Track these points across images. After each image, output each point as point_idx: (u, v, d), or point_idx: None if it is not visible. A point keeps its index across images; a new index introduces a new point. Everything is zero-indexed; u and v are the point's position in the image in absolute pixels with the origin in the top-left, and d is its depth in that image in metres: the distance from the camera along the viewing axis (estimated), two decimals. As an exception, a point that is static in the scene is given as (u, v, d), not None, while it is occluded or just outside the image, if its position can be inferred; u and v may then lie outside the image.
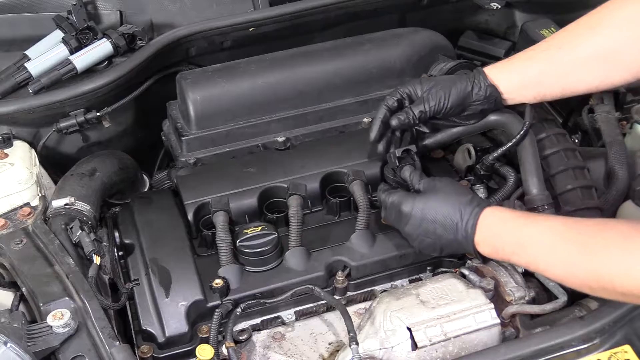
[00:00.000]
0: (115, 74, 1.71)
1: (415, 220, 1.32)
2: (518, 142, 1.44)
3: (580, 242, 1.14)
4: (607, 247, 1.10)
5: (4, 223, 1.45)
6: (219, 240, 1.42)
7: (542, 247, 1.18)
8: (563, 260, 1.15)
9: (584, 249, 1.13)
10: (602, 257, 1.10)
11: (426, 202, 1.32)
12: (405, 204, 1.34)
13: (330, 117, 1.72)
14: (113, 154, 1.72)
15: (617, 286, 1.07)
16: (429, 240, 1.32)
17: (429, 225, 1.31)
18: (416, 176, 1.41)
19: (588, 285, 1.13)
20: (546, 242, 1.18)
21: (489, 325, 1.29)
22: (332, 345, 1.37)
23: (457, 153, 1.67)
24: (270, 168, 1.59)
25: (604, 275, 1.09)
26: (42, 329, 1.18)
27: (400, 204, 1.34)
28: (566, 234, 1.16)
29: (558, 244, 1.16)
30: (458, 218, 1.28)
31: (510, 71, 1.44)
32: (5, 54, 1.82)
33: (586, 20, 1.38)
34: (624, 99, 1.75)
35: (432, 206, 1.31)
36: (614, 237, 1.10)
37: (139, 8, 1.93)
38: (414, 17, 2.04)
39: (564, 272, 1.16)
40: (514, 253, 1.22)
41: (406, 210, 1.33)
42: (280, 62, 1.73)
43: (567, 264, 1.15)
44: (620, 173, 1.50)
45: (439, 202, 1.31)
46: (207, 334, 1.32)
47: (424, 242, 1.33)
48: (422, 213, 1.31)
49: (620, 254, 1.08)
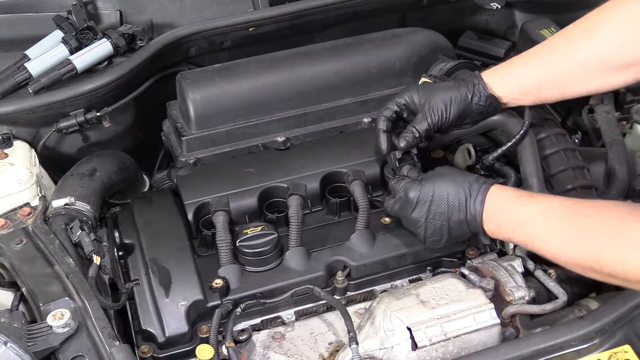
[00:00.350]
0: (115, 74, 1.71)
1: (422, 204, 1.31)
2: (518, 142, 1.45)
3: (575, 222, 1.15)
4: (600, 229, 1.11)
5: (4, 223, 1.45)
6: (219, 240, 1.42)
7: (538, 225, 1.20)
8: (557, 239, 1.17)
9: (578, 229, 1.14)
10: (594, 238, 1.11)
11: (434, 184, 1.32)
12: (412, 190, 1.33)
13: (330, 117, 1.73)
14: (113, 154, 1.72)
15: (604, 268, 1.09)
16: (436, 223, 1.31)
17: (437, 206, 1.30)
18: (414, 172, 1.42)
19: (579, 264, 1.14)
20: (543, 220, 1.19)
21: (489, 325, 1.29)
22: (332, 345, 1.37)
23: (457, 153, 1.67)
24: (270, 168, 1.59)
25: (595, 256, 1.10)
26: (42, 329, 1.18)
27: (408, 190, 1.34)
28: (563, 214, 1.18)
29: (554, 222, 1.18)
30: (467, 194, 1.28)
31: (510, 78, 1.43)
32: (5, 54, 1.82)
33: (584, 23, 1.37)
34: (624, 99, 1.75)
35: (440, 187, 1.31)
36: (608, 219, 1.11)
37: (139, 8, 1.93)
38: (414, 17, 2.05)
39: (558, 250, 1.17)
40: (514, 231, 1.24)
41: (413, 195, 1.32)
42: (280, 62, 1.73)
43: (561, 243, 1.16)
44: (620, 173, 1.50)
45: (446, 183, 1.31)
46: (207, 334, 1.32)
47: (431, 226, 1.32)
48: (431, 195, 1.31)
49: (611, 236, 1.09)
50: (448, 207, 1.30)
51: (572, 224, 1.15)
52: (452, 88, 1.44)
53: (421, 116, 1.44)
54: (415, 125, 1.44)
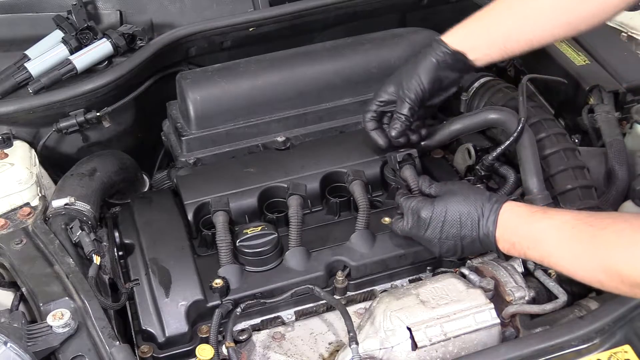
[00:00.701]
0: (115, 74, 1.71)
1: (436, 224, 1.32)
2: (516, 139, 1.45)
3: (590, 235, 1.14)
4: (616, 240, 1.10)
5: (4, 223, 1.45)
6: (219, 240, 1.42)
7: (553, 241, 1.19)
8: (573, 254, 1.15)
9: (593, 242, 1.13)
10: (611, 250, 1.09)
11: (446, 204, 1.31)
12: (425, 210, 1.33)
13: (330, 117, 1.73)
14: (113, 154, 1.72)
15: (624, 278, 1.07)
16: (450, 243, 1.32)
17: (450, 227, 1.31)
18: (425, 182, 1.42)
19: (597, 278, 1.13)
20: (557, 235, 1.18)
21: (489, 325, 1.29)
22: (332, 345, 1.37)
23: (457, 153, 1.67)
24: (270, 168, 1.59)
25: (612, 267, 1.09)
26: (42, 329, 1.18)
27: (420, 210, 1.34)
28: (577, 227, 1.16)
29: (568, 238, 1.17)
30: (480, 214, 1.28)
31: (472, 34, 1.44)
32: (5, 54, 1.82)
33: None
34: (624, 99, 1.75)
35: (452, 207, 1.31)
36: (623, 230, 1.10)
37: (139, 8, 1.93)
38: (414, 17, 2.05)
39: (574, 266, 1.16)
40: (529, 248, 1.23)
41: (425, 215, 1.32)
42: (280, 62, 1.73)
43: (577, 257, 1.15)
44: (620, 173, 1.50)
45: (458, 203, 1.30)
46: (207, 334, 1.32)
47: (445, 245, 1.33)
48: (443, 216, 1.31)
49: (629, 246, 1.07)
50: (461, 227, 1.30)
51: (587, 236, 1.14)
52: (417, 61, 1.46)
53: (399, 100, 1.47)
54: (398, 111, 1.46)
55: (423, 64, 1.45)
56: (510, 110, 1.50)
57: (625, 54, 1.87)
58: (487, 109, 1.55)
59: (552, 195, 1.44)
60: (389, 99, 1.51)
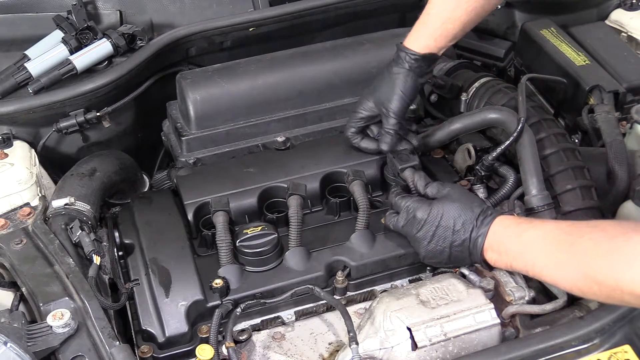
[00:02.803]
0: (115, 74, 1.71)
1: (429, 226, 1.33)
2: (516, 139, 1.45)
3: (569, 243, 1.16)
4: (593, 248, 1.11)
5: (4, 223, 1.45)
6: (219, 240, 1.42)
7: (536, 251, 1.21)
8: (555, 263, 1.17)
9: (572, 250, 1.14)
10: (588, 258, 1.11)
11: (443, 209, 1.33)
12: (421, 210, 1.34)
13: (330, 117, 1.73)
14: (113, 154, 1.72)
15: (601, 286, 1.08)
16: (438, 247, 1.33)
17: (443, 231, 1.32)
18: (421, 181, 1.43)
19: (577, 286, 1.15)
20: (540, 245, 1.20)
21: (489, 325, 1.29)
22: (332, 345, 1.37)
23: (457, 153, 1.67)
24: (270, 168, 1.59)
25: (589, 275, 1.10)
26: (42, 329, 1.18)
27: (416, 210, 1.35)
28: (558, 237, 1.18)
29: (550, 246, 1.19)
30: (474, 224, 1.30)
31: (432, 29, 1.48)
32: (5, 54, 1.82)
33: None
34: (624, 99, 1.75)
35: (449, 213, 1.32)
36: (599, 238, 1.11)
37: (139, 8, 1.93)
38: (414, 17, 2.03)
39: (557, 274, 1.18)
40: (514, 258, 1.25)
41: (421, 216, 1.34)
42: (280, 62, 1.73)
43: (558, 266, 1.17)
44: (620, 173, 1.50)
45: (456, 209, 1.32)
46: (207, 334, 1.32)
47: (433, 249, 1.34)
48: (438, 220, 1.32)
49: (604, 254, 1.09)
50: (453, 234, 1.31)
51: (566, 245, 1.16)
52: (392, 74, 1.50)
53: (384, 116, 1.51)
54: (386, 127, 1.51)
55: (399, 76, 1.49)
56: (510, 110, 1.50)
57: (625, 54, 1.87)
58: (487, 108, 1.55)
59: (552, 195, 1.43)
60: (368, 115, 1.55)
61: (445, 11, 1.47)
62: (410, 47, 1.49)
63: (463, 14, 1.46)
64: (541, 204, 1.40)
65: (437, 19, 1.48)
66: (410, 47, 1.49)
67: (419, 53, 1.48)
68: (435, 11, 1.48)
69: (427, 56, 1.49)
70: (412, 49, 1.48)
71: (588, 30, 1.95)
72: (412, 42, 1.50)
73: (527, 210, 1.42)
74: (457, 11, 1.46)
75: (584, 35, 1.91)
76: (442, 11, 1.47)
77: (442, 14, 1.47)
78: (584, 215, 1.41)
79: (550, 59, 1.85)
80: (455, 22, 1.47)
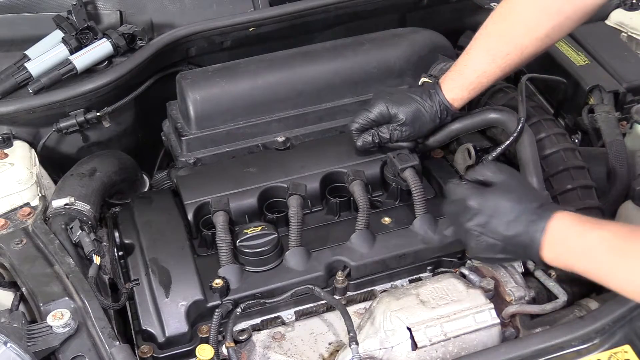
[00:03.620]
0: (115, 74, 1.71)
1: (482, 216, 1.22)
2: (516, 139, 1.45)
3: (621, 250, 1.10)
4: None
5: (4, 223, 1.45)
6: (219, 240, 1.42)
7: (603, 253, 1.13)
8: (624, 267, 1.11)
9: (624, 256, 1.10)
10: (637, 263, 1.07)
11: (498, 198, 1.22)
12: (473, 198, 1.24)
13: (330, 117, 1.73)
14: (113, 154, 1.72)
15: None
16: (490, 240, 1.22)
17: (497, 223, 1.21)
18: (477, 168, 1.33)
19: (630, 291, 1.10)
20: (607, 249, 1.13)
21: (489, 325, 1.29)
22: (332, 345, 1.37)
23: (457, 153, 1.67)
24: (270, 168, 1.59)
25: None
26: (42, 329, 1.18)
27: (468, 197, 1.24)
28: (630, 240, 1.11)
29: (620, 250, 1.12)
30: (531, 218, 1.19)
31: (468, 90, 1.49)
32: (5, 54, 1.82)
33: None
34: (624, 99, 1.75)
35: (504, 204, 1.21)
36: None
37: (139, 8, 1.93)
38: (414, 17, 2.05)
39: (626, 280, 1.11)
40: (576, 259, 1.17)
41: (473, 204, 1.23)
42: (280, 62, 1.73)
43: (629, 271, 1.10)
44: (620, 173, 1.51)
45: (512, 200, 1.21)
46: (207, 334, 1.32)
47: (485, 241, 1.23)
48: (492, 210, 1.22)
49: None
50: (507, 227, 1.20)
51: (618, 252, 1.10)
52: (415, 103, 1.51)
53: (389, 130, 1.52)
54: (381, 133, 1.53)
55: (425, 115, 1.50)
56: (510, 110, 1.50)
57: (625, 54, 1.87)
58: (487, 108, 1.55)
59: (552, 195, 1.44)
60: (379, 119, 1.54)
61: (481, 64, 1.47)
62: (447, 95, 1.50)
63: (497, 70, 1.46)
64: (541, 203, 1.40)
65: (472, 72, 1.48)
66: (447, 95, 1.50)
67: (452, 106, 1.50)
68: (471, 63, 1.48)
69: (456, 112, 1.51)
70: (448, 99, 1.49)
71: (588, 30, 1.95)
72: (448, 91, 1.50)
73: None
74: (492, 66, 1.46)
75: (584, 35, 1.91)
76: (478, 64, 1.47)
77: (478, 67, 1.47)
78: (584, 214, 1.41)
79: (550, 58, 1.85)
80: (490, 77, 1.47)
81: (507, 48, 1.43)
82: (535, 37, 1.41)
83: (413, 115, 1.50)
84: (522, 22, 1.42)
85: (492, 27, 1.47)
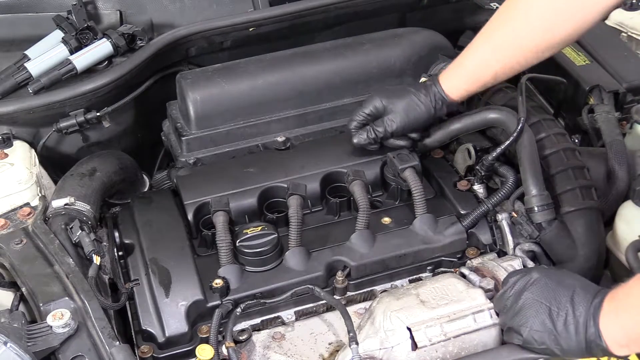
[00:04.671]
0: (115, 74, 1.71)
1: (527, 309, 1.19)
2: (516, 139, 1.45)
3: None
4: None
5: (4, 223, 1.45)
6: (219, 240, 1.42)
7: None
8: None
9: None
10: None
11: (547, 291, 1.19)
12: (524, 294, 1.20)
13: (330, 117, 1.73)
14: (113, 154, 1.72)
15: None
16: (542, 335, 1.17)
17: (543, 320, 1.17)
18: None
19: None
20: None
21: (488, 325, 1.29)
22: (332, 345, 1.37)
23: (457, 153, 1.67)
24: (270, 168, 1.59)
25: None
26: (42, 329, 1.18)
27: (518, 294, 1.22)
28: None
29: None
30: (584, 315, 1.14)
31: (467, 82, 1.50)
32: (5, 54, 1.82)
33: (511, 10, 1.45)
34: (624, 99, 1.75)
35: (549, 296, 1.18)
36: None
37: (139, 8, 1.93)
38: (414, 17, 2.05)
39: None
40: None
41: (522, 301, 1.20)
42: (280, 62, 1.73)
43: None
44: (620, 173, 1.50)
45: (560, 294, 1.17)
46: (207, 334, 1.32)
47: (536, 335, 1.18)
48: (540, 302, 1.18)
49: None
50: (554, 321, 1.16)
51: None
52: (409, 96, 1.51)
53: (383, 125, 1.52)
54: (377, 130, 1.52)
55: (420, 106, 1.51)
56: (510, 110, 1.50)
57: (625, 54, 1.87)
58: (487, 108, 1.55)
59: (552, 195, 1.43)
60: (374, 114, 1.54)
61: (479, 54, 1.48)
62: (444, 86, 1.50)
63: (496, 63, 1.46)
64: (541, 204, 1.40)
65: (471, 61, 1.48)
66: (444, 86, 1.50)
67: (449, 97, 1.50)
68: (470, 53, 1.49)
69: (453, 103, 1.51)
70: (445, 90, 1.49)
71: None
72: (445, 82, 1.50)
73: (527, 210, 1.42)
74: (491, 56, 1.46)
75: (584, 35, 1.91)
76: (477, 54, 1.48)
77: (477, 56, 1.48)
78: (583, 215, 1.41)
79: (550, 58, 1.84)
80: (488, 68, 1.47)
81: (507, 39, 1.44)
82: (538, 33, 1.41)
83: (407, 105, 1.50)
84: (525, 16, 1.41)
85: (495, 21, 1.47)
